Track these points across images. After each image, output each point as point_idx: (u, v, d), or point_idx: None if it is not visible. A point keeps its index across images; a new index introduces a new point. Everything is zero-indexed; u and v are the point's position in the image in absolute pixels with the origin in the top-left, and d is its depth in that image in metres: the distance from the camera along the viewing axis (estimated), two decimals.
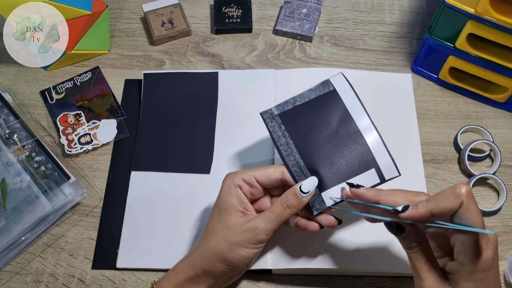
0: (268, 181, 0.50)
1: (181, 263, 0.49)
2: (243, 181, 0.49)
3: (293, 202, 0.47)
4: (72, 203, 0.59)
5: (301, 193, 0.47)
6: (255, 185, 0.50)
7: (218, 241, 0.47)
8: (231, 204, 0.48)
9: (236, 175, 0.49)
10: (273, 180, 0.50)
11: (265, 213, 0.48)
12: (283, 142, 0.51)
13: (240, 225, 0.47)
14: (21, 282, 0.56)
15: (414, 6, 0.78)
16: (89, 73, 0.70)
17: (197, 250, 0.49)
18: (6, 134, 0.61)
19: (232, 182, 0.49)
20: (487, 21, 0.56)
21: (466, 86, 0.67)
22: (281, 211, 0.47)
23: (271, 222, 0.47)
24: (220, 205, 0.49)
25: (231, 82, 0.68)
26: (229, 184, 0.49)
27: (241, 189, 0.49)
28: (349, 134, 0.51)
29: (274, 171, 0.49)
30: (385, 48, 0.73)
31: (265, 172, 0.49)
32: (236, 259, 0.47)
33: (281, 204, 0.47)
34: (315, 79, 0.67)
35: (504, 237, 0.58)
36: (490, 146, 0.62)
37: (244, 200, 0.49)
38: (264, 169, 0.50)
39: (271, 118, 0.52)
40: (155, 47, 0.74)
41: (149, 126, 0.65)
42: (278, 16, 0.76)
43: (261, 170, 0.50)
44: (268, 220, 0.47)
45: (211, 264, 0.47)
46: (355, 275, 0.56)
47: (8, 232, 0.55)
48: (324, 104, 0.52)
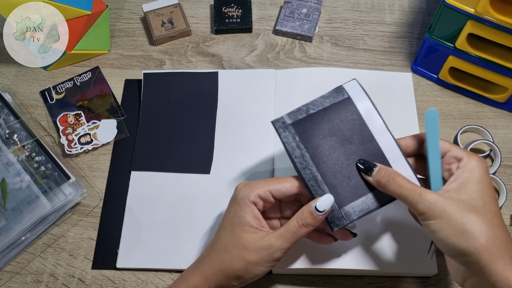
0: (284, 197, 0.48)
1: (193, 276, 0.48)
2: (258, 198, 0.48)
3: (309, 220, 0.46)
4: (72, 203, 0.59)
5: (316, 212, 0.46)
6: (271, 200, 0.48)
7: (233, 259, 0.46)
8: (246, 221, 0.47)
9: (251, 191, 0.47)
10: (290, 196, 0.49)
11: (281, 231, 0.46)
12: (298, 154, 0.48)
13: (255, 242, 0.46)
14: (21, 282, 0.56)
15: (414, 6, 0.78)
16: (89, 73, 0.70)
17: (211, 266, 0.47)
18: (6, 134, 0.61)
19: (248, 199, 0.47)
20: (487, 21, 0.56)
21: (466, 86, 0.67)
22: (297, 229, 0.46)
23: (287, 241, 0.46)
24: (234, 221, 0.47)
25: (231, 82, 0.68)
26: (244, 200, 0.47)
27: (256, 206, 0.48)
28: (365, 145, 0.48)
29: (291, 186, 0.48)
30: (385, 48, 0.73)
31: (281, 188, 0.48)
32: (251, 277, 0.47)
33: (297, 223, 0.46)
34: (315, 79, 0.67)
35: None
36: (490, 146, 0.62)
37: (259, 217, 0.48)
38: (280, 184, 0.48)
39: (283, 127, 0.49)
40: (155, 47, 0.74)
41: (149, 126, 0.65)
42: (278, 16, 0.76)
43: (276, 185, 0.48)
44: (284, 238, 0.46)
45: (227, 281, 0.47)
46: (355, 275, 0.56)
47: (8, 232, 0.55)
48: (338, 112, 0.50)
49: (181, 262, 0.56)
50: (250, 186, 0.48)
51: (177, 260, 0.56)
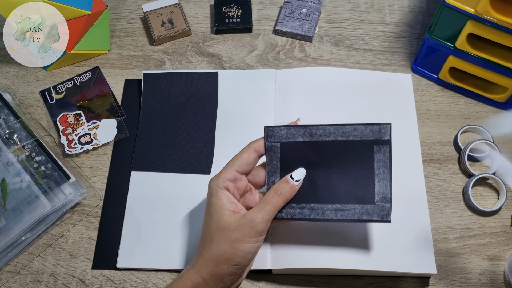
0: (249, 166, 0.51)
1: (187, 271, 0.49)
2: (228, 180, 0.50)
3: (286, 189, 0.49)
4: (72, 203, 0.59)
5: (292, 181, 0.49)
6: (239, 178, 0.50)
7: (219, 243, 0.47)
8: (221, 206, 0.48)
9: (218, 178, 0.50)
10: (252, 162, 0.51)
11: (259, 205, 0.48)
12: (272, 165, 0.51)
13: (236, 222, 0.47)
14: (21, 282, 0.56)
15: (414, 6, 0.78)
16: (89, 73, 0.70)
17: (201, 257, 0.49)
18: (6, 134, 0.61)
19: (218, 186, 0.49)
20: (487, 21, 0.56)
21: (466, 86, 0.67)
22: (275, 199, 0.48)
23: (267, 212, 0.48)
24: (211, 210, 0.49)
25: (231, 82, 0.68)
26: (216, 189, 0.49)
27: (229, 190, 0.50)
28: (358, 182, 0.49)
29: (249, 154, 0.50)
30: (385, 48, 0.73)
31: (242, 160, 0.50)
32: (241, 256, 0.47)
33: (275, 193, 0.49)
34: (315, 79, 0.67)
35: (503, 237, 0.58)
36: (490, 146, 0.62)
37: (234, 201, 0.50)
38: (239, 158, 0.50)
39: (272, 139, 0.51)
40: (155, 47, 0.74)
41: (149, 126, 0.65)
42: (278, 16, 0.76)
43: (237, 160, 0.50)
44: (264, 210, 0.48)
45: (218, 268, 0.47)
46: (355, 275, 0.56)
47: (8, 232, 0.55)
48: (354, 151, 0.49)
49: (181, 262, 0.56)
50: (217, 175, 0.50)
51: (177, 260, 0.56)
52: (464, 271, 0.56)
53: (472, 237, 0.58)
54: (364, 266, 0.53)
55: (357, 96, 0.66)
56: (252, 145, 0.51)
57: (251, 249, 0.48)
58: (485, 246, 0.58)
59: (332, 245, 0.54)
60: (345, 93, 0.66)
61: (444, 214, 0.60)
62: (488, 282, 0.56)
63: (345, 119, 0.64)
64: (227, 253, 0.47)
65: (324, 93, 0.66)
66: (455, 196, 0.61)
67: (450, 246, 0.58)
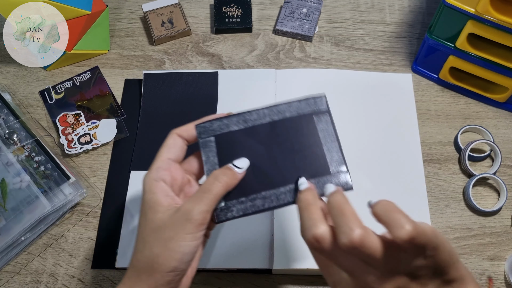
0: (179, 152, 0.44)
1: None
2: (162, 170, 0.42)
3: (228, 174, 0.41)
4: (71, 203, 0.59)
5: (234, 167, 0.42)
6: (173, 166, 0.43)
7: (151, 246, 0.39)
8: (155, 201, 0.40)
9: (151, 170, 0.42)
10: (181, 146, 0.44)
11: (196, 194, 0.40)
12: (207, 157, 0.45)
13: (170, 217, 0.39)
14: (21, 282, 0.56)
15: (414, 6, 0.78)
16: (89, 73, 0.70)
17: (132, 270, 0.40)
18: (6, 134, 0.61)
19: (152, 179, 0.42)
20: (488, 21, 0.56)
21: (466, 86, 0.67)
22: (214, 186, 0.40)
23: (205, 202, 0.39)
24: (145, 208, 0.41)
25: (231, 82, 0.68)
26: (149, 182, 0.42)
27: (165, 182, 0.42)
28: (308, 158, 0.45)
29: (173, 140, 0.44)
30: (385, 48, 0.73)
31: (169, 147, 0.44)
32: (176, 258, 0.39)
33: (214, 179, 0.41)
34: (316, 79, 0.67)
35: (504, 237, 0.58)
36: (491, 146, 0.62)
37: (170, 194, 0.41)
38: (166, 145, 0.44)
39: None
40: (155, 47, 0.74)
41: (149, 126, 0.65)
42: (278, 16, 0.76)
43: (164, 148, 0.44)
44: (201, 200, 0.39)
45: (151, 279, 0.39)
46: None
47: (8, 232, 0.55)
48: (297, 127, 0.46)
49: None
50: (150, 168, 0.43)
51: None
52: None
53: (472, 237, 0.58)
54: None
55: (358, 97, 0.66)
56: (174, 131, 0.45)
57: (187, 248, 0.39)
58: (485, 246, 0.58)
59: None
60: (345, 93, 0.66)
61: (445, 214, 0.60)
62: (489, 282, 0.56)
63: (345, 118, 0.64)
64: (161, 257, 0.39)
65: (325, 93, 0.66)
66: (455, 196, 0.61)
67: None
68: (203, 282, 0.56)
